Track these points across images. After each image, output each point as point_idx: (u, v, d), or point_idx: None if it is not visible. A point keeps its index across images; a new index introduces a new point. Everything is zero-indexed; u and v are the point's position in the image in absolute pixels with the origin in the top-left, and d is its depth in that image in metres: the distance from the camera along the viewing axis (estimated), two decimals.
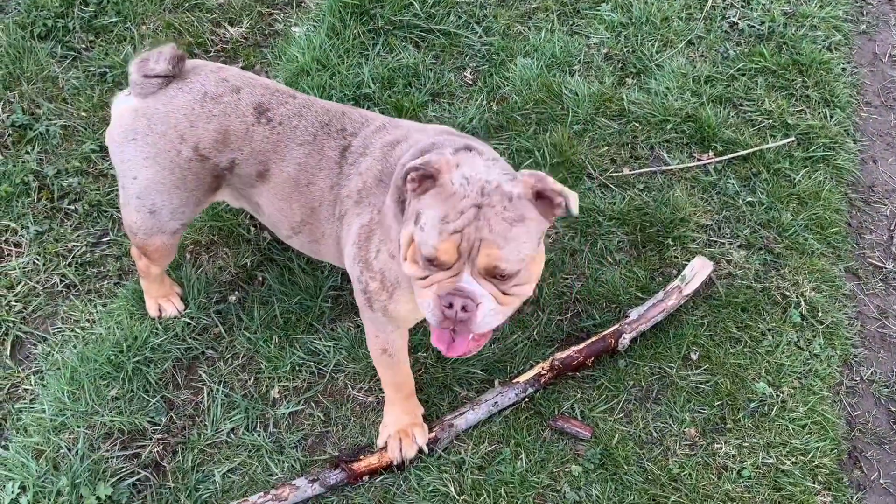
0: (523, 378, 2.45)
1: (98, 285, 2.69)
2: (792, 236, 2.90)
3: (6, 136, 2.99)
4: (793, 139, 3.16)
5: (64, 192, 2.88)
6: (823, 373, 2.58)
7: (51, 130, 3.02)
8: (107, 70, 3.22)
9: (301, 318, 2.59)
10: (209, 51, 3.38)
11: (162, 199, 2.12)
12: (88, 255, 2.75)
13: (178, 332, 2.55)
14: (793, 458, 2.39)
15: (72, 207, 2.85)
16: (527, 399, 2.45)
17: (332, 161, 2.04)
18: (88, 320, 2.60)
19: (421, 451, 2.31)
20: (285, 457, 2.34)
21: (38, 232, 2.77)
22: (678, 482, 2.32)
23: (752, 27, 3.58)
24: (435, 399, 2.46)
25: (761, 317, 2.69)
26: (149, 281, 2.47)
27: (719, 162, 3.10)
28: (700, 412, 2.47)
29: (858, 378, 2.65)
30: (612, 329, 2.53)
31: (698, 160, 3.11)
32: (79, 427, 2.33)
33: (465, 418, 2.37)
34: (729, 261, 2.83)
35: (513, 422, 2.42)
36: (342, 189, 2.03)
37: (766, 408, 2.48)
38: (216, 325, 2.59)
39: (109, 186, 2.91)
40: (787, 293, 2.75)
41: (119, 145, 2.09)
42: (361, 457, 2.29)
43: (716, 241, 2.89)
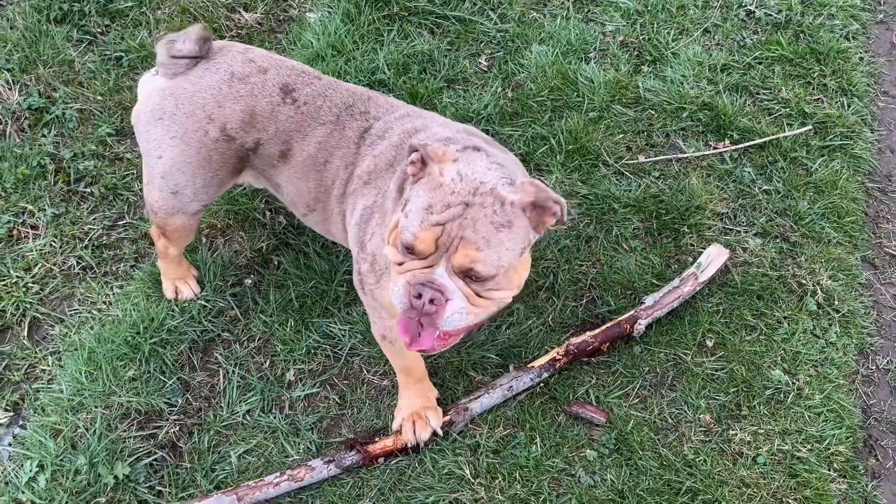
0: (538, 363, 2.45)
1: (114, 268, 2.70)
2: (808, 225, 2.88)
3: (23, 119, 3.00)
4: (810, 128, 3.14)
5: (80, 176, 2.89)
6: (839, 361, 2.57)
7: (67, 114, 3.03)
8: (122, 54, 3.23)
9: (316, 301, 2.60)
10: (223, 36, 3.38)
11: (186, 180, 2.12)
12: (104, 237, 2.77)
13: (194, 315, 2.56)
14: (808, 446, 2.38)
15: (88, 190, 2.87)
16: (542, 384, 2.46)
17: (352, 141, 2.04)
18: (105, 302, 2.61)
19: (435, 433, 2.31)
20: (301, 439, 2.35)
21: (55, 214, 2.78)
22: (693, 468, 2.32)
23: (768, 15, 3.55)
24: (450, 383, 2.47)
25: (777, 305, 2.68)
26: (167, 262, 2.48)
27: (735, 150, 3.09)
28: (715, 399, 2.47)
29: (874, 367, 2.64)
30: (627, 315, 2.53)
31: (714, 148, 3.10)
32: (96, 407, 2.35)
33: (479, 402, 2.38)
34: (745, 248, 2.82)
35: (528, 406, 2.42)
36: (356, 169, 2.04)
37: (781, 395, 2.48)
38: (232, 308, 2.60)
39: (125, 170, 2.93)
40: (804, 281, 2.74)
41: (146, 125, 2.09)
42: (377, 439, 2.30)
43: (732, 229, 2.88)
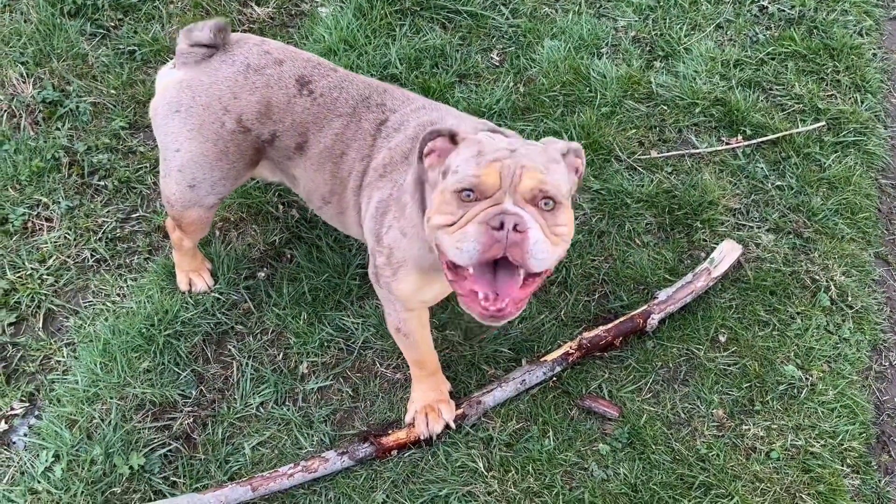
0: (551, 357, 2.45)
1: (128, 260, 2.71)
2: (821, 221, 2.88)
3: (37, 113, 3.01)
4: (823, 124, 3.13)
5: (94, 169, 2.90)
6: (852, 357, 2.57)
7: (81, 107, 3.04)
8: (135, 48, 3.24)
9: (329, 295, 2.60)
10: (235, 30, 3.38)
11: (203, 173, 2.13)
12: (118, 230, 2.78)
13: (207, 307, 2.56)
14: (822, 441, 2.38)
15: (101, 183, 2.88)
16: (554, 378, 2.46)
17: (368, 133, 2.04)
18: (119, 294, 2.62)
19: (448, 426, 2.32)
20: (314, 431, 2.35)
21: (69, 207, 2.79)
22: (706, 462, 2.32)
23: (781, 11, 3.54)
24: (463, 377, 2.47)
25: (790, 300, 2.67)
26: (181, 254, 2.49)
27: (748, 146, 3.08)
28: (728, 394, 2.47)
29: (887, 363, 2.63)
30: (640, 310, 2.53)
31: (727, 144, 3.09)
32: (111, 398, 2.36)
33: (492, 395, 2.38)
34: (758, 244, 2.81)
35: (540, 400, 2.42)
36: (372, 161, 2.04)
37: (794, 391, 2.47)
38: (245, 301, 2.60)
39: (138, 163, 2.94)
40: (817, 277, 2.73)
41: (164, 118, 2.10)
42: (390, 431, 2.30)
43: (744, 225, 2.87)
